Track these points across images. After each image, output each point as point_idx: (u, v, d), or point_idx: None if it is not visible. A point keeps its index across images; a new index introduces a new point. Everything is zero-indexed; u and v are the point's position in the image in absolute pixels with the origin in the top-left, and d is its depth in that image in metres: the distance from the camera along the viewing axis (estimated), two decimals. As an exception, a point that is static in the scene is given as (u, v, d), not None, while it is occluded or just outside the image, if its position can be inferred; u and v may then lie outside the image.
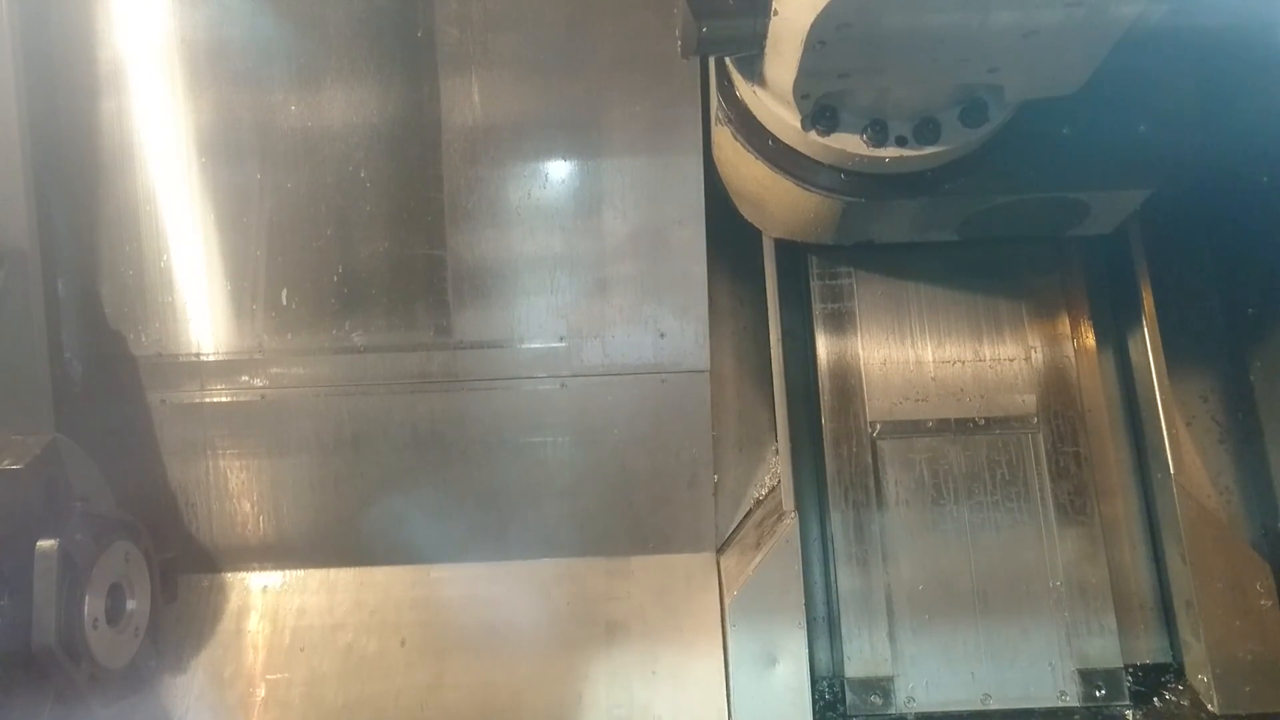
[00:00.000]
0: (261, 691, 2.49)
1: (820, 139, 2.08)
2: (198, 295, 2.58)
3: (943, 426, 2.52)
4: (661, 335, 2.57)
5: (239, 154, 2.56)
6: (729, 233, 2.64)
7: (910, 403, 2.54)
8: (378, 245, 2.55)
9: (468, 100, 2.54)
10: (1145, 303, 2.56)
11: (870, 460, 2.51)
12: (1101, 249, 2.68)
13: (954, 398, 2.53)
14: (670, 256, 2.57)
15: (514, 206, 2.56)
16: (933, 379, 2.55)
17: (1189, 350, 2.67)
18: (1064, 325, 2.60)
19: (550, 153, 2.56)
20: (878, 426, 2.52)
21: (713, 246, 2.61)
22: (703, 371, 2.57)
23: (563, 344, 2.57)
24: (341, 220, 2.56)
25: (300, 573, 2.61)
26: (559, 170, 2.57)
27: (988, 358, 2.56)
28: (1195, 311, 2.70)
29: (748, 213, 2.54)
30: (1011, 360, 2.57)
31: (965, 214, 2.36)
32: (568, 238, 2.56)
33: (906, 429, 2.52)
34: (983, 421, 2.52)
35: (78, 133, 2.56)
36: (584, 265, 2.57)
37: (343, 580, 2.59)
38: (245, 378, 2.58)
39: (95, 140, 2.56)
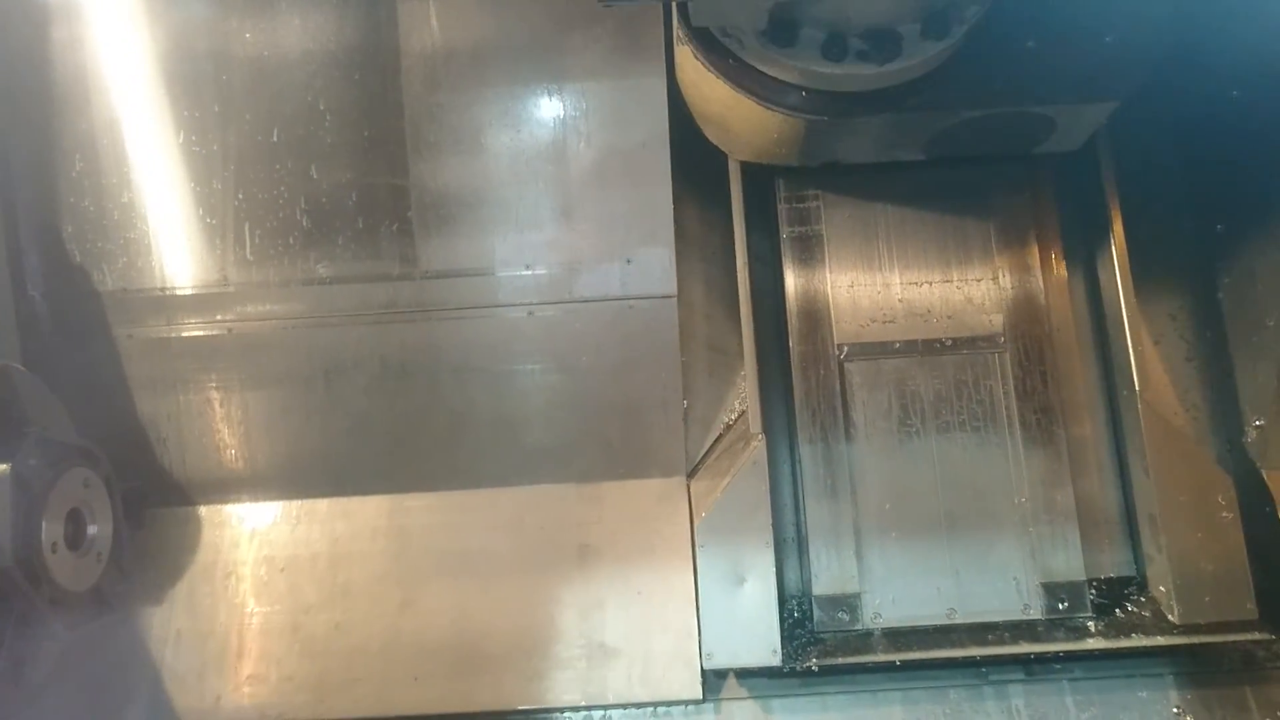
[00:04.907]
0: (240, 620, 2.53)
1: (779, 55, 2.05)
2: (160, 229, 2.56)
3: (910, 348, 2.52)
4: (628, 261, 2.56)
5: (196, 84, 2.53)
6: (697, 158, 2.61)
7: (878, 325, 2.54)
8: (340, 176, 2.53)
9: (426, 25, 2.49)
10: (1114, 221, 2.54)
11: (838, 383, 2.51)
12: (1072, 168, 2.65)
13: (921, 319, 2.54)
14: (635, 181, 2.55)
15: (476, 133, 2.53)
16: (900, 300, 2.55)
17: (1158, 268, 2.66)
18: (1032, 245, 2.59)
19: (511, 78, 2.53)
20: (845, 349, 2.52)
21: (681, 172, 2.59)
22: (670, 297, 2.56)
23: (529, 272, 2.56)
24: (302, 151, 2.53)
25: (275, 504, 2.64)
26: (520, 95, 2.53)
27: (955, 279, 2.56)
28: (1165, 230, 2.69)
29: (713, 135, 2.52)
30: (979, 281, 2.56)
31: (931, 131, 2.33)
32: (531, 164, 2.54)
33: (874, 350, 2.53)
34: (949, 342, 2.52)
35: (30, 63, 2.52)
36: (548, 192, 2.55)
37: (317, 511, 2.62)
38: (212, 311, 2.58)
39: (48, 71, 2.52)
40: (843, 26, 2.00)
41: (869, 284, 2.56)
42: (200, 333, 2.58)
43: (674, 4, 2.27)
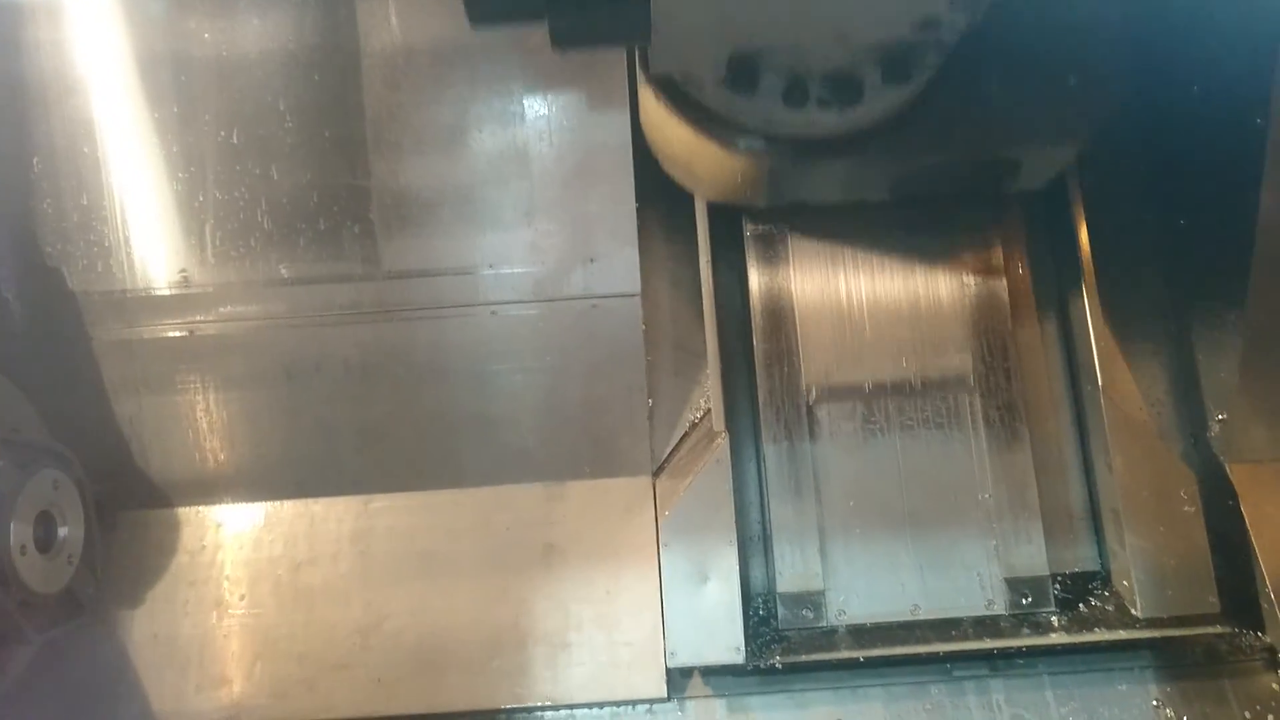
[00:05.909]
0: (207, 623, 2.52)
1: (740, 102, 2.04)
2: (121, 232, 2.55)
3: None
4: (591, 260, 2.55)
5: (156, 86, 2.51)
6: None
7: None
8: (300, 176, 2.52)
9: (385, 24, 2.49)
10: (1077, 215, 2.53)
11: (802, 381, 2.50)
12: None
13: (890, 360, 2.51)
14: (599, 180, 2.54)
15: (437, 133, 2.52)
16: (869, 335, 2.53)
17: (1122, 264, 2.63)
18: (996, 243, 2.56)
19: (473, 77, 2.52)
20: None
21: (646, 170, 2.57)
22: (633, 295, 2.56)
23: (491, 271, 2.55)
24: (263, 151, 2.52)
25: (242, 506, 2.63)
26: (482, 95, 2.52)
27: (922, 295, 2.54)
28: (1129, 223, 2.64)
29: (678, 176, 2.48)
30: (944, 275, 2.54)
31: (895, 175, 2.33)
32: (493, 164, 2.53)
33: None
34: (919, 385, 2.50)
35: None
36: (511, 191, 2.54)
37: (282, 513, 2.61)
38: (173, 313, 2.56)
39: (19, 72, 2.51)
40: (803, 73, 1.99)
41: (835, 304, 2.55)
42: (162, 334, 2.57)
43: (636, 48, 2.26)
